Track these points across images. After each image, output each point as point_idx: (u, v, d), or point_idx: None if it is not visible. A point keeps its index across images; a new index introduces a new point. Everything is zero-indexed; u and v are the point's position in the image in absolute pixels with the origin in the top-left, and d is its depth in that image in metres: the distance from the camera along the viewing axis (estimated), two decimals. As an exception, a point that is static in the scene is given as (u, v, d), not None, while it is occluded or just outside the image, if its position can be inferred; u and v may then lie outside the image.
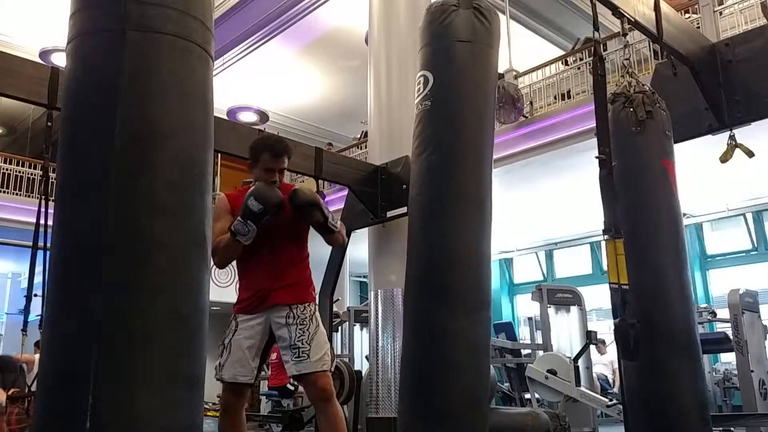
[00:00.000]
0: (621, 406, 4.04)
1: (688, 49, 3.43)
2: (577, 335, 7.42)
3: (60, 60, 8.40)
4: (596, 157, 2.59)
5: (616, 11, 2.92)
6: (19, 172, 11.14)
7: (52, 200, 1.82)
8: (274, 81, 11.62)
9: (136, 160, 1.58)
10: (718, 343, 6.76)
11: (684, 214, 4.41)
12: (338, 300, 7.33)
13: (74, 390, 1.45)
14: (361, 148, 11.27)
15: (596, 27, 2.78)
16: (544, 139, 8.10)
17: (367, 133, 7.77)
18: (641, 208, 2.97)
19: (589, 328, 6.84)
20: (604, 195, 2.57)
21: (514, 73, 8.29)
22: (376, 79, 5.61)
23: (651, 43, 7.17)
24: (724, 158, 3.60)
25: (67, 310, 1.54)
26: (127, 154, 1.57)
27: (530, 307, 9.27)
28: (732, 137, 3.57)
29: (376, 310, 4.98)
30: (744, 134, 3.56)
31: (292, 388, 7.80)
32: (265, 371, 6.78)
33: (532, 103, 8.82)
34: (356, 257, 8.60)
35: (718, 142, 3.67)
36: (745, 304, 5.72)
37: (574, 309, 7.59)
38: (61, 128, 1.67)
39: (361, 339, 8.70)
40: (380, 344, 4.89)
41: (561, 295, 7.55)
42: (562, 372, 5.76)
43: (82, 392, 1.43)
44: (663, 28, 3.20)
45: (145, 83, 1.62)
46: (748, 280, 9.12)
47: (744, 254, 11.21)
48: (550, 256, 13.75)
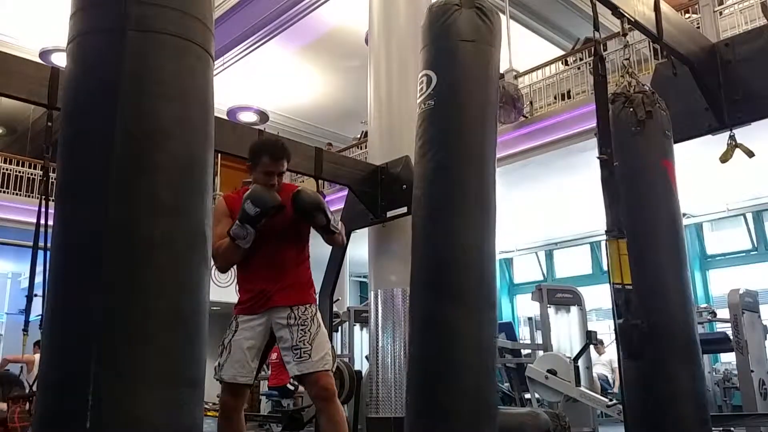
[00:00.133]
0: (621, 406, 4.04)
1: (688, 49, 3.43)
2: (577, 335, 7.42)
3: (60, 60, 8.40)
4: (598, 158, 2.59)
5: (616, 11, 2.93)
6: (19, 172, 11.15)
7: (52, 200, 1.82)
8: (274, 81, 11.63)
9: (136, 160, 1.58)
10: (718, 343, 6.77)
11: (684, 214, 4.41)
12: (338, 300, 7.33)
13: (74, 390, 1.45)
14: (361, 148, 11.28)
15: (596, 27, 2.78)
16: (544, 139, 8.11)
17: (367, 133, 7.78)
18: (641, 208, 2.97)
19: (589, 328, 6.85)
20: (606, 195, 2.57)
21: (514, 73, 8.29)
22: (376, 79, 5.61)
23: (651, 43, 7.17)
24: (724, 158, 3.60)
25: (67, 310, 1.54)
26: (127, 154, 1.57)
27: (530, 307, 9.27)
28: (732, 137, 3.57)
29: (376, 310, 4.98)
30: (744, 134, 3.56)
31: (292, 388, 7.80)
32: (264, 371, 6.78)
33: (532, 103, 8.82)
34: (356, 257, 8.61)
35: (718, 142, 3.67)
36: (745, 304, 5.72)
37: (574, 309, 7.59)
38: (61, 128, 1.67)
39: (361, 339, 8.70)
40: (380, 344, 4.89)
41: (561, 295, 7.55)
42: (562, 372, 5.77)
43: (82, 392, 1.42)
44: (663, 28, 3.20)
45: (145, 83, 1.62)
46: (748, 280, 9.12)
47: (744, 254, 11.21)
48: (550, 256, 13.76)
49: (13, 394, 5.16)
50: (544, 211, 10.63)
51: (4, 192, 10.80)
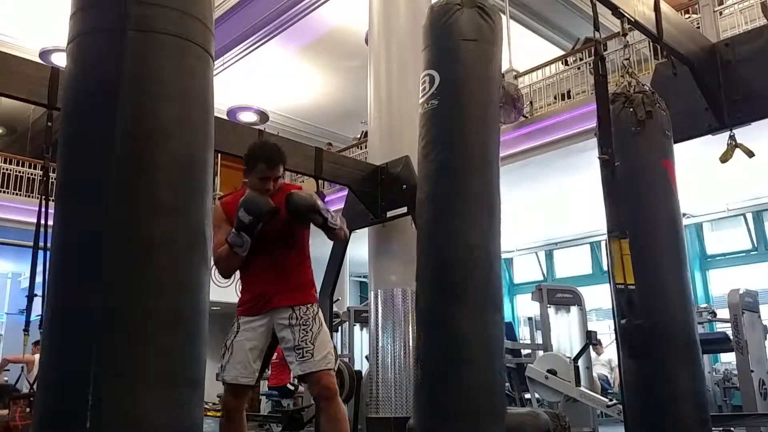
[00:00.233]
0: (621, 406, 4.04)
1: (688, 49, 3.43)
2: (577, 335, 7.42)
3: (60, 60, 8.40)
4: (599, 158, 2.59)
5: (616, 11, 2.93)
6: (19, 172, 11.15)
7: (52, 200, 1.82)
8: (274, 81, 11.63)
9: (136, 160, 1.58)
10: (718, 343, 6.77)
11: (684, 214, 4.41)
12: (338, 300, 7.33)
13: (74, 390, 1.45)
14: (361, 148, 11.27)
15: (597, 27, 2.78)
16: (544, 139, 8.10)
17: (367, 133, 7.77)
18: (641, 208, 2.96)
19: (589, 328, 6.85)
20: (607, 195, 2.57)
21: (514, 73, 8.29)
22: (376, 79, 5.61)
23: (651, 43, 7.17)
24: (724, 158, 3.60)
25: (67, 310, 1.54)
26: (127, 154, 1.57)
27: (530, 307, 9.27)
28: (732, 137, 3.57)
29: (376, 310, 4.98)
30: (744, 134, 3.56)
31: (292, 388, 7.80)
32: (265, 372, 6.77)
33: (532, 103, 8.82)
34: (356, 257, 8.61)
35: (718, 142, 3.67)
36: (745, 304, 5.72)
37: (574, 309, 7.58)
38: (61, 128, 1.67)
39: (361, 339, 8.70)
40: (380, 344, 4.89)
41: (561, 295, 7.54)
42: (562, 372, 5.76)
43: (82, 392, 1.43)
44: (663, 28, 3.20)
45: (145, 83, 1.62)
46: (748, 280, 9.12)
47: (744, 254, 11.21)
48: (550, 256, 13.76)
49: (14, 394, 5.17)
50: (544, 211, 10.63)
51: (4, 192, 10.80)
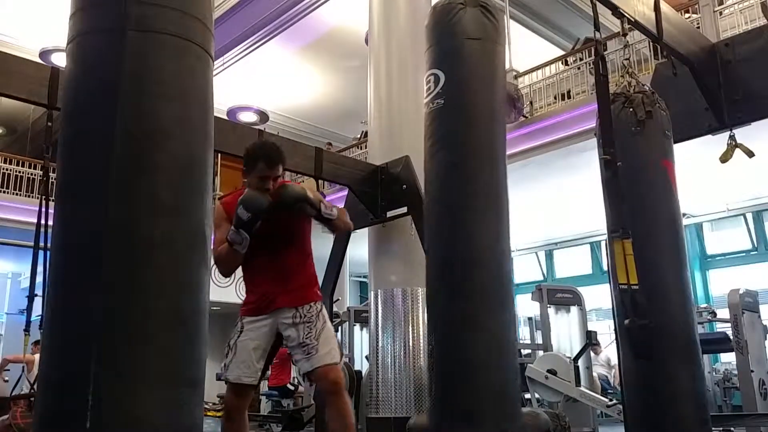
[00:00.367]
0: (621, 406, 4.04)
1: (688, 49, 3.43)
2: (577, 335, 7.41)
3: (60, 60, 8.40)
4: (602, 158, 2.59)
5: (616, 11, 2.93)
6: (19, 172, 11.14)
7: (52, 200, 1.82)
8: (274, 81, 11.62)
9: (136, 160, 1.58)
10: (718, 343, 6.76)
11: (684, 214, 4.41)
12: (338, 300, 7.33)
13: (74, 390, 1.45)
14: (361, 148, 11.27)
15: (597, 27, 2.78)
16: (544, 139, 8.10)
17: (367, 133, 7.77)
18: (641, 208, 2.96)
19: (589, 328, 6.85)
20: (609, 195, 2.57)
21: (514, 73, 8.28)
22: (376, 79, 5.61)
23: (651, 43, 7.17)
24: (724, 158, 3.60)
25: (67, 310, 1.54)
26: (127, 154, 1.57)
27: (530, 307, 9.26)
28: (732, 137, 3.57)
29: (376, 310, 4.98)
30: (744, 134, 3.56)
31: (292, 388, 7.81)
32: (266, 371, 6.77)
33: (532, 103, 8.82)
34: (356, 257, 8.60)
35: (718, 142, 3.67)
36: (745, 304, 5.72)
37: (574, 309, 7.58)
38: (61, 128, 1.67)
39: (361, 339, 8.71)
40: (380, 344, 4.89)
41: (561, 295, 7.54)
42: (562, 372, 5.76)
43: (82, 392, 1.43)
44: (663, 28, 3.20)
45: (145, 83, 1.62)
46: (748, 280, 9.12)
47: (744, 254, 11.21)
48: (550, 256, 13.76)
49: (13, 394, 5.17)
50: (544, 211, 10.62)
51: (4, 192, 10.79)
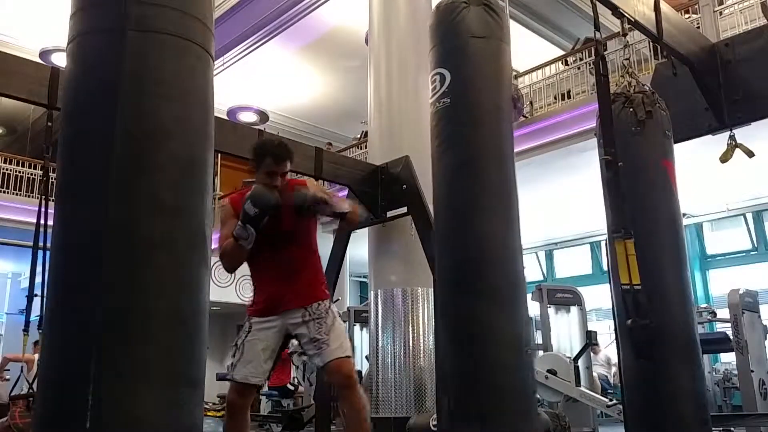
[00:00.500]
0: (621, 406, 4.04)
1: (688, 49, 3.43)
2: (577, 335, 7.41)
3: (60, 60, 8.39)
4: (602, 158, 2.59)
5: (616, 11, 2.93)
6: (19, 172, 11.15)
7: (52, 200, 1.82)
8: (274, 81, 11.62)
9: (136, 160, 1.58)
10: (718, 343, 6.76)
11: (684, 214, 4.41)
12: (338, 300, 7.33)
13: (74, 390, 1.45)
14: (361, 148, 11.27)
15: (597, 27, 2.78)
16: (544, 139, 8.10)
17: (367, 133, 7.77)
18: (641, 208, 2.96)
19: (589, 328, 6.85)
20: (610, 196, 2.56)
21: (514, 73, 8.29)
22: (376, 79, 5.60)
23: (651, 43, 7.17)
24: (724, 158, 3.60)
25: (67, 310, 1.54)
26: (127, 154, 1.57)
27: (530, 307, 9.27)
28: (732, 137, 3.57)
29: (376, 310, 4.98)
30: (744, 134, 3.56)
31: (292, 388, 7.81)
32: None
33: (532, 103, 8.83)
34: (356, 257, 8.60)
35: (718, 142, 3.67)
36: (745, 304, 5.72)
37: (574, 309, 7.58)
38: (61, 128, 1.67)
39: (361, 339, 8.70)
40: (380, 344, 4.89)
41: (561, 295, 7.54)
42: (562, 372, 5.75)
43: (82, 392, 1.43)
44: (663, 28, 3.20)
45: (145, 83, 1.62)
46: (748, 280, 9.11)
47: (744, 254, 11.20)
48: (550, 256, 13.75)
49: (13, 394, 5.18)
50: (544, 211, 10.61)
51: (4, 192, 10.79)
